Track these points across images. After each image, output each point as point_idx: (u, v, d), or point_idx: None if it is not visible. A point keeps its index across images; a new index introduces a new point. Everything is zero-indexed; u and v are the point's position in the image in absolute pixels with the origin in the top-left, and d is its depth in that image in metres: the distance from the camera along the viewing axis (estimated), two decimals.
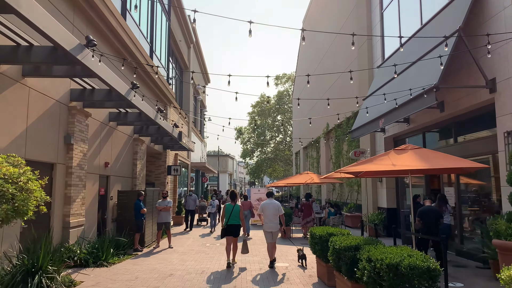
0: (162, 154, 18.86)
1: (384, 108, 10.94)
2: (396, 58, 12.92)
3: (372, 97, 13.47)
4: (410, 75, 10.55)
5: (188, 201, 16.57)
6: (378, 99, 12.63)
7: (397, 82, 11.50)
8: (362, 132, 13.15)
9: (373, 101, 13.29)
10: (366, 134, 13.10)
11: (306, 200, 13.57)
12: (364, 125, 12.94)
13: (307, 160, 30.45)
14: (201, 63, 33.86)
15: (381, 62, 14.18)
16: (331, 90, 21.73)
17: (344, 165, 19.45)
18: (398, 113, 9.84)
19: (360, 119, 13.60)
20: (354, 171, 6.58)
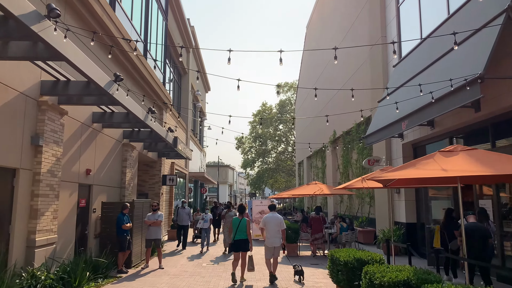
0: (156, 162, 17.42)
1: (408, 108, 9.55)
2: (416, 55, 11.59)
3: (389, 99, 12.09)
4: (437, 70, 9.18)
5: (181, 215, 14.15)
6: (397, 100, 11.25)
7: (421, 80, 10.12)
8: (378, 137, 11.75)
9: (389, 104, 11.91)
10: (383, 139, 11.70)
11: (316, 214, 12.09)
12: (380, 130, 11.54)
13: (311, 170, 28.99)
14: (201, 69, 32.61)
15: (398, 61, 12.83)
16: (339, 95, 20.37)
17: (354, 175, 18.00)
18: (427, 112, 8.43)
19: (375, 124, 12.21)
20: (390, 178, 5.10)
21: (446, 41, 9.52)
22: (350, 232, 12.12)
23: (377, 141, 11.86)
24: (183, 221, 14.08)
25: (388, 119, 11.11)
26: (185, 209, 14.34)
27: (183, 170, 23.91)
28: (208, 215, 13.41)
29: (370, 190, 15.83)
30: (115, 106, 10.25)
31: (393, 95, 11.90)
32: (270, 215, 8.64)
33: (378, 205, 14.02)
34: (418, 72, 10.50)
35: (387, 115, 11.58)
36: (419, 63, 10.84)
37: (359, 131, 16.85)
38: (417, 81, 10.36)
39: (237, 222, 8.43)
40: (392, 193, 13.15)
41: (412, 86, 10.32)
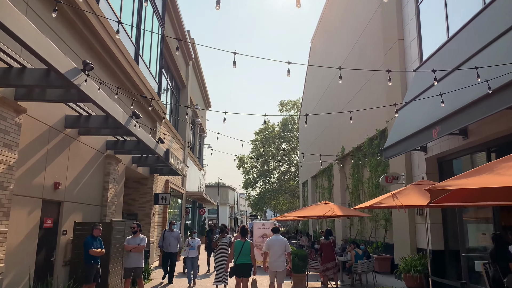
0: (148, 179, 15.82)
1: (438, 113, 8.01)
2: (441, 56, 10.14)
3: (410, 107, 10.59)
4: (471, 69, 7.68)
5: (168, 239, 11.51)
6: (420, 107, 9.74)
7: (450, 82, 8.63)
8: (399, 150, 10.18)
9: (411, 111, 10.39)
10: (405, 152, 10.12)
11: (326, 239, 10.39)
12: (401, 142, 9.98)
13: (317, 190, 27.28)
14: (201, 84, 31.39)
15: (419, 65, 11.38)
16: (348, 108, 18.89)
17: (366, 195, 16.32)
18: (469, 114, 6.86)
19: (394, 135, 10.66)
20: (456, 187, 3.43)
21: (482, 35, 8.07)
22: (367, 260, 10.38)
23: (398, 154, 10.28)
24: (170, 248, 11.46)
25: (411, 128, 9.57)
26: (174, 232, 11.68)
27: (179, 189, 22.26)
28: (195, 240, 10.87)
29: (385, 211, 14.14)
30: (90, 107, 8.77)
31: (414, 102, 10.41)
32: (274, 238, 8.36)
33: (397, 229, 12.31)
34: (447, 74, 9.02)
35: (408, 124, 10.05)
36: (446, 64, 9.37)
37: (372, 146, 15.28)
38: (444, 85, 8.88)
39: (239, 245, 7.95)
40: (414, 215, 11.47)
41: (436, 89, 8.82)
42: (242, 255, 7.86)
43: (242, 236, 8.22)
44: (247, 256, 7.90)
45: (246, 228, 8.48)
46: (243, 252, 7.87)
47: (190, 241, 10.84)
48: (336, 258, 10.06)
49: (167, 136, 18.83)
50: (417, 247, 11.30)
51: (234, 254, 7.92)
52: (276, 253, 8.10)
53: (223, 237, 9.32)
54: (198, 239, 11.12)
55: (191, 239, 10.93)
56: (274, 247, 8.16)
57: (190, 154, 27.39)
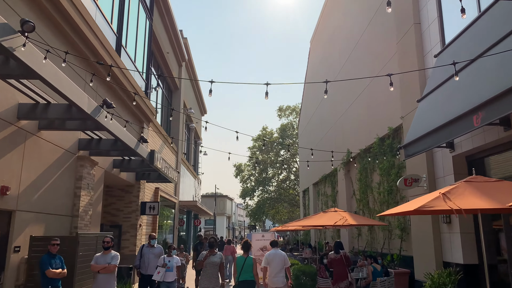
0: (134, 186, 14.19)
1: (483, 94, 6.47)
2: (471, 35, 8.65)
3: (435, 96, 9.06)
4: None
5: (147, 258, 9.09)
6: (451, 93, 8.21)
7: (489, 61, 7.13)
8: (423, 146, 8.63)
9: (436, 101, 8.86)
10: (430, 148, 8.55)
11: (336, 253, 8.73)
12: (426, 136, 8.44)
13: (319, 198, 25.64)
14: (195, 87, 29.88)
15: (441, 49, 9.88)
16: (354, 106, 17.39)
17: (376, 201, 14.72)
18: None
19: (416, 130, 9.11)
20: None
21: None
22: (387, 278, 8.74)
23: (422, 151, 8.72)
24: (149, 268, 9.01)
25: (437, 119, 8.03)
26: (154, 248, 9.26)
27: (171, 198, 20.60)
28: (173, 259, 8.60)
29: (400, 219, 12.53)
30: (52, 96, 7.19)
31: (440, 91, 8.89)
32: (273, 252, 8.11)
33: (417, 239, 10.69)
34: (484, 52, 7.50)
35: (434, 116, 8.51)
36: (479, 42, 7.88)
37: (383, 147, 13.72)
38: (484, 63, 7.37)
39: (241, 261, 7.60)
40: (439, 223, 9.86)
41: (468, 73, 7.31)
42: (244, 272, 7.48)
43: (245, 251, 7.80)
44: (250, 272, 7.51)
45: (249, 243, 7.94)
46: (245, 268, 7.50)
47: (167, 260, 8.45)
48: (349, 276, 8.42)
49: (156, 139, 17.24)
50: (443, 261, 9.67)
51: (236, 270, 7.58)
52: (275, 268, 7.80)
53: (212, 255, 7.09)
54: (177, 258, 8.78)
55: (167, 257, 8.56)
56: (273, 262, 7.86)
57: (184, 162, 25.76)
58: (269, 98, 5.58)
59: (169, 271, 8.38)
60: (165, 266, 8.25)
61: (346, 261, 8.50)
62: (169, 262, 8.45)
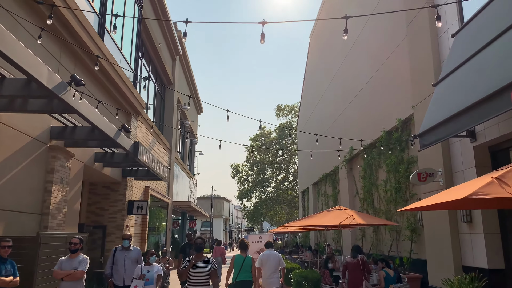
0: (120, 184, 13.07)
1: None
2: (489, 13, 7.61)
3: (454, 78, 8.00)
4: None
5: (120, 264, 7.27)
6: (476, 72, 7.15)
7: None
8: (442, 134, 7.57)
9: (456, 83, 7.80)
10: (451, 136, 7.49)
11: (353, 257, 7.65)
12: (445, 123, 7.39)
13: (319, 199, 24.56)
14: (191, 84, 28.80)
15: (460, 28, 8.84)
16: (357, 99, 16.35)
17: (382, 200, 13.65)
18: None
19: (432, 116, 8.05)
20: None
21: None
22: (402, 285, 7.66)
23: (441, 140, 7.66)
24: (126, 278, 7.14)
25: (458, 104, 6.98)
26: (130, 251, 7.46)
27: (164, 198, 19.47)
28: (154, 268, 6.75)
29: (410, 219, 11.45)
30: None
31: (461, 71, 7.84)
32: (267, 253, 8.04)
33: (431, 241, 9.61)
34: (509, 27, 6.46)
35: (454, 99, 7.45)
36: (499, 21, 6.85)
37: (391, 141, 12.66)
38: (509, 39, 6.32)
39: (240, 261, 7.46)
40: (457, 223, 8.79)
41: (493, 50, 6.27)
42: (243, 272, 7.32)
43: (242, 250, 7.68)
44: (248, 272, 7.37)
45: (246, 242, 7.85)
46: (244, 268, 7.33)
47: (145, 270, 6.63)
48: (364, 283, 7.32)
49: (146, 135, 16.14)
50: (463, 265, 8.59)
51: (234, 270, 7.40)
52: (269, 269, 7.72)
53: (200, 261, 5.54)
54: (158, 265, 7.00)
55: (146, 266, 6.75)
56: (267, 263, 7.76)
57: (179, 161, 24.66)
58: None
59: (148, 284, 6.44)
60: (143, 278, 6.38)
61: (363, 266, 7.40)
62: (148, 272, 6.56)
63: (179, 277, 5.67)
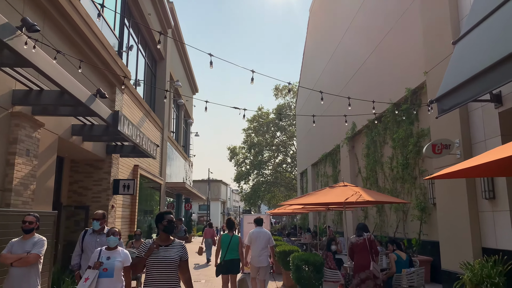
0: (104, 161, 12.04)
1: None
2: None
3: (478, 33, 6.92)
4: None
5: (89, 250, 5.59)
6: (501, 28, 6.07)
7: None
8: (464, 96, 6.52)
9: (481, 39, 6.72)
10: (476, 98, 6.45)
11: (359, 236, 6.68)
12: (468, 83, 6.33)
13: (318, 180, 23.66)
14: (184, 61, 27.57)
15: None
16: (360, 73, 15.24)
17: (388, 179, 12.70)
18: None
19: (454, 77, 6.99)
20: None
21: None
22: (416, 269, 6.71)
23: (464, 103, 6.62)
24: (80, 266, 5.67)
25: (485, 61, 5.92)
26: (103, 235, 5.76)
27: (155, 179, 18.48)
28: (119, 255, 4.85)
29: (420, 197, 10.50)
30: None
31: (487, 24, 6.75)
32: (257, 230, 7.79)
33: (445, 221, 8.67)
34: None
35: (478, 57, 6.39)
36: None
37: (399, 114, 11.63)
38: None
39: (227, 240, 7.34)
40: (476, 199, 7.83)
41: None
42: (230, 251, 7.20)
43: (229, 229, 7.52)
44: (235, 251, 7.26)
45: (233, 220, 7.70)
46: (231, 247, 7.22)
47: (104, 256, 4.75)
48: (371, 265, 6.36)
49: (135, 110, 15.06)
50: (482, 247, 7.67)
51: (222, 250, 7.27)
52: (259, 247, 7.56)
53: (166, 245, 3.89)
54: (126, 251, 5.05)
55: (106, 251, 4.84)
56: (257, 241, 7.59)
57: (172, 141, 23.62)
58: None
59: (105, 277, 4.56)
60: (98, 267, 4.56)
61: (370, 246, 6.44)
62: (108, 260, 4.68)
63: (133, 269, 4.00)
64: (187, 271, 3.89)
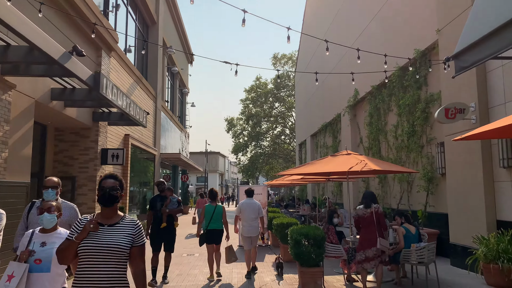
0: (91, 129, 11.32)
1: None
2: None
3: None
4: None
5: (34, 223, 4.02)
6: None
7: None
8: (485, 52, 5.72)
9: None
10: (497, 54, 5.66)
11: (366, 207, 6.04)
12: (490, 38, 5.53)
13: (317, 150, 23.04)
14: (179, 26, 26.37)
15: None
16: (365, 35, 14.31)
17: (391, 148, 12.04)
18: None
19: (474, 31, 6.16)
20: None
21: None
22: (426, 244, 6.11)
23: (484, 60, 5.81)
24: None
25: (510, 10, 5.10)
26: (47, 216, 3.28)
27: (149, 149, 17.79)
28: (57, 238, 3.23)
29: (427, 167, 9.86)
30: None
31: None
32: (247, 201, 7.75)
33: (455, 191, 8.05)
34: None
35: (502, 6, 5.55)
36: None
37: (406, 78, 10.83)
38: None
39: (211, 210, 7.34)
40: (491, 168, 7.17)
41: None
42: (213, 221, 7.30)
43: (212, 200, 7.57)
44: (219, 221, 7.36)
45: (215, 191, 7.73)
46: (214, 217, 7.32)
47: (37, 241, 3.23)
48: (378, 242, 5.75)
49: (123, 76, 14.19)
50: (497, 220, 7.08)
51: (205, 219, 7.33)
52: (249, 218, 7.59)
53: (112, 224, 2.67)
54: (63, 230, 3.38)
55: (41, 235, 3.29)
56: (246, 211, 7.62)
57: (167, 111, 22.80)
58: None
59: (38, 271, 3.11)
60: (26, 258, 3.12)
61: (377, 219, 5.80)
62: (42, 247, 3.19)
63: (58, 257, 2.58)
64: (140, 262, 2.67)
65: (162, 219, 7.08)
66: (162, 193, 7.39)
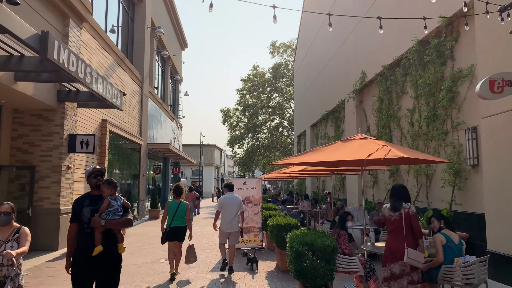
0: (55, 111, 9.66)
1: None
2: None
3: None
4: None
5: None
6: None
7: None
8: None
9: None
10: None
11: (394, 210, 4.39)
12: None
13: (317, 141, 21.41)
14: (171, 10, 24.56)
15: None
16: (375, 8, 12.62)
17: (405, 136, 10.42)
18: None
19: None
20: None
21: None
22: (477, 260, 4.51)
23: None
24: None
25: None
26: None
27: (133, 138, 16.10)
28: None
29: (453, 157, 8.22)
30: None
31: None
32: (228, 196, 7.54)
33: (496, 186, 6.43)
34: None
35: None
36: None
37: (427, 53, 9.17)
38: None
39: (174, 206, 6.98)
40: None
41: None
42: (177, 217, 6.93)
43: (177, 196, 7.18)
44: (182, 218, 6.99)
45: (181, 187, 7.29)
46: (178, 214, 6.94)
47: None
48: (406, 253, 4.16)
49: (100, 52, 12.47)
50: None
51: (168, 216, 6.98)
52: (230, 213, 7.34)
53: None
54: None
55: None
56: (227, 206, 7.36)
57: (156, 99, 21.08)
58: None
59: None
60: None
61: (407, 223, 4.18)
62: None
63: None
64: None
65: (95, 239, 3.65)
66: (96, 190, 3.85)
